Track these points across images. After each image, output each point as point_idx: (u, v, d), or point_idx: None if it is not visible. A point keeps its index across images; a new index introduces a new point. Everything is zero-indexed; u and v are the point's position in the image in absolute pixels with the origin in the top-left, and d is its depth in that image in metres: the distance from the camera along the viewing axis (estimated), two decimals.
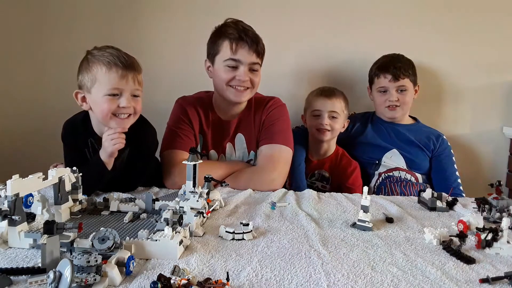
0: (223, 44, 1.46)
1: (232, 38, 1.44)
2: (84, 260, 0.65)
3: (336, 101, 1.75)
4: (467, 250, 0.91)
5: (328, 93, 1.77)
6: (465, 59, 2.00)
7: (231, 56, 1.45)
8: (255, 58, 1.48)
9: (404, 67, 1.77)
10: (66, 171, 1.01)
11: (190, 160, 1.03)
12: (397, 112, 1.82)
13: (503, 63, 2.00)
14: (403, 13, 1.98)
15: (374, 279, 0.75)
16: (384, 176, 1.80)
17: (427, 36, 1.97)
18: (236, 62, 1.46)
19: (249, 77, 1.48)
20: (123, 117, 1.27)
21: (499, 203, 1.12)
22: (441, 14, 1.97)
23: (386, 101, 1.81)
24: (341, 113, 1.76)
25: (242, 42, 1.45)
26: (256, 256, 0.84)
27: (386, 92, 1.81)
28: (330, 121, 1.73)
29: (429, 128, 1.88)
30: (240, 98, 1.51)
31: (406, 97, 1.80)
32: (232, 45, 1.44)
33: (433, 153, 1.82)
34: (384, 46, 1.94)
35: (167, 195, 1.27)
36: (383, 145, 1.83)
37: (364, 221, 1.03)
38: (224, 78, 1.48)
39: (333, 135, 1.77)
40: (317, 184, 1.79)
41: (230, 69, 1.47)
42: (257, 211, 1.15)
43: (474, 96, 2.03)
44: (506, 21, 1.97)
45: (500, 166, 2.06)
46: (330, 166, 1.80)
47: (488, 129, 2.05)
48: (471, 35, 1.97)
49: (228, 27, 1.47)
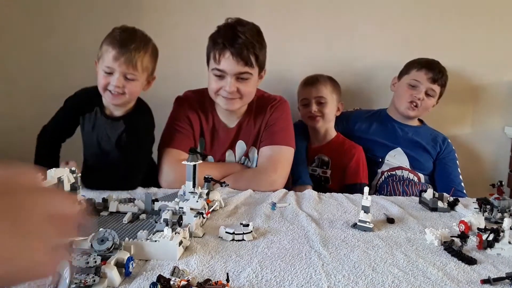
0: (212, 51, 1.41)
1: (217, 48, 1.38)
2: (83, 261, 0.65)
3: (320, 86, 1.75)
4: (469, 251, 0.90)
5: (312, 80, 1.78)
6: (467, 58, 1.99)
7: (215, 65, 1.40)
8: (243, 67, 1.38)
9: (443, 76, 1.78)
10: (65, 172, 1.00)
11: (190, 160, 1.03)
12: (414, 112, 1.80)
13: (505, 63, 2.00)
14: (403, 13, 1.97)
15: (375, 280, 0.75)
16: (386, 174, 1.79)
17: (429, 36, 1.97)
18: (221, 72, 1.40)
19: (237, 87, 1.41)
20: (114, 93, 1.35)
21: (500, 203, 1.12)
22: (442, 13, 1.97)
23: (412, 96, 1.77)
24: (329, 97, 1.75)
25: (225, 52, 1.37)
26: (256, 257, 0.83)
27: (415, 88, 1.78)
28: (318, 107, 1.74)
29: (435, 131, 1.88)
30: (230, 107, 1.47)
31: (429, 102, 1.78)
32: (216, 55, 1.39)
33: (438, 155, 1.81)
34: (384, 46, 1.94)
35: (167, 196, 1.27)
36: (388, 143, 1.82)
37: (365, 221, 1.02)
38: (211, 87, 1.45)
39: (325, 121, 1.77)
40: (318, 172, 1.76)
41: (217, 78, 1.42)
42: (257, 212, 1.15)
43: (475, 96, 2.02)
44: (509, 20, 1.97)
45: (501, 166, 2.05)
46: (330, 150, 1.78)
47: (489, 129, 2.05)
48: (473, 34, 1.97)
49: (218, 34, 1.41)
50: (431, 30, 1.97)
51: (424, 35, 1.97)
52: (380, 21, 1.98)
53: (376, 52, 1.97)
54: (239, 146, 1.57)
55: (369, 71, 1.99)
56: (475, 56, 1.99)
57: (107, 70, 1.33)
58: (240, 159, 1.58)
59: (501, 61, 1.99)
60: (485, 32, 1.97)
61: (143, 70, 1.36)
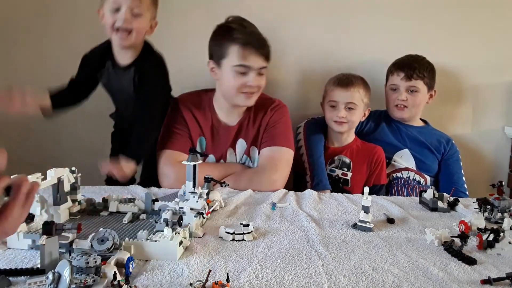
0: (230, 48, 1.42)
1: (241, 44, 1.41)
2: (83, 261, 0.65)
3: (354, 91, 1.64)
4: (469, 251, 0.90)
5: (346, 83, 1.65)
6: (467, 58, 1.99)
7: (241, 62, 1.41)
8: (263, 62, 1.45)
9: (419, 68, 1.75)
10: (65, 172, 1.00)
11: (190, 160, 1.02)
12: (405, 113, 1.80)
13: (505, 63, 1.99)
14: (403, 13, 1.97)
15: (375, 280, 0.75)
16: (392, 177, 1.78)
17: (429, 35, 1.96)
18: (245, 68, 1.43)
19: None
20: (122, 32, 1.40)
21: (500, 203, 1.12)
22: (442, 13, 1.96)
23: (395, 99, 1.79)
24: (360, 103, 1.66)
25: (250, 48, 1.41)
26: (256, 257, 0.83)
27: (396, 91, 1.79)
28: (347, 113, 1.65)
29: (439, 132, 1.88)
30: (249, 103, 1.50)
31: (416, 99, 1.77)
32: (241, 51, 1.41)
33: (443, 156, 1.81)
34: (385, 46, 1.94)
35: (167, 196, 1.27)
36: (395, 144, 1.81)
37: (365, 221, 1.02)
38: (234, 84, 1.45)
39: (350, 127, 1.70)
40: (336, 173, 1.71)
41: (240, 74, 1.43)
42: (258, 212, 1.14)
43: (475, 96, 2.02)
44: (509, 20, 1.96)
45: (501, 166, 2.05)
46: (351, 152, 1.72)
47: (489, 129, 2.04)
48: (474, 34, 1.96)
49: (234, 30, 1.42)
50: (431, 30, 1.96)
51: (424, 35, 1.96)
52: (381, 21, 1.97)
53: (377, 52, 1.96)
54: (239, 144, 1.58)
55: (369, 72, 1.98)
56: (475, 56, 1.98)
57: (114, 6, 1.37)
58: (241, 158, 1.58)
59: (501, 61, 1.99)
60: (485, 32, 1.96)
61: (147, 6, 1.42)
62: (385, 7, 1.97)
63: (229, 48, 1.42)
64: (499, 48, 1.98)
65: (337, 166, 1.72)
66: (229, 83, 1.46)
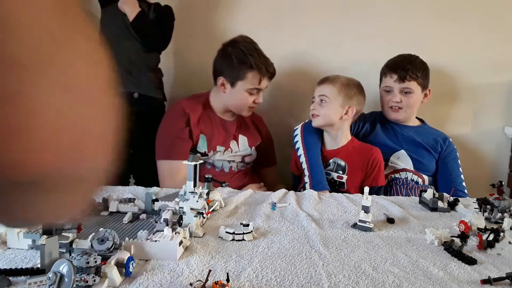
0: (250, 74, 1.58)
1: (261, 72, 1.59)
2: (83, 261, 0.65)
3: (326, 86, 1.64)
4: (469, 251, 0.90)
5: (322, 79, 1.68)
6: (467, 58, 1.99)
7: (255, 86, 1.60)
8: (268, 82, 1.67)
9: (412, 69, 1.73)
10: None
11: (190, 160, 1.02)
12: (400, 114, 1.79)
13: (505, 63, 1.99)
14: (402, 13, 1.97)
15: (375, 280, 0.75)
16: (390, 177, 1.78)
17: (429, 35, 1.97)
18: (258, 90, 1.63)
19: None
20: None
21: (500, 203, 1.12)
22: (442, 13, 1.96)
23: (389, 101, 1.79)
24: (332, 97, 1.62)
25: (267, 75, 1.62)
26: (256, 257, 0.83)
27: (390, 92, 1.79)
28: (318, 106, 1.64)
29: (436, 130, 1.87)
30: (250, 113, 1.73)
31: (411, 100, 1.77)
32: (258, 77, 1.59)
33: (440, 155, 1.80)
34: (385, 46, 1.94)
35: (167, 196, 1.27)
36: (391, 145, 1.80)
37: (365, 221, 1.02)
38: (245, 102, 1.64)
39: (325, 120, 1.65)
40: (332, 176, 1.69)
41: (250, 94, 1.62)
42: (258, 212, 1.14)
43: (475, 96, 2.02)
44: (509, 20, 1.96)
45: (501, 166, 2.05)
46: (347, 154, 1.69)
47: (489, 129, 2.04)
48: (474, 33, 1.97)
49: (254, 58, 1.57)
50: (431, 30, 1.96)
51: (423, 35, 1.96)
52: (380, 21, 1.97)
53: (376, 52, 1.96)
54: (241, 139, 1.72)
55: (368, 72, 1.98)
56: (475, 56, 1.99)
57: None
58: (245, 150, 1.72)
59: (501, 61, 1.99)
60: (485, 32, 1.96)
61: None
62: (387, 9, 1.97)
63: (247, 74, 1.58)
64: (500, 48, 1.98)
65: (333, 169, 1.69)
66: (241, 101, 1.63)
